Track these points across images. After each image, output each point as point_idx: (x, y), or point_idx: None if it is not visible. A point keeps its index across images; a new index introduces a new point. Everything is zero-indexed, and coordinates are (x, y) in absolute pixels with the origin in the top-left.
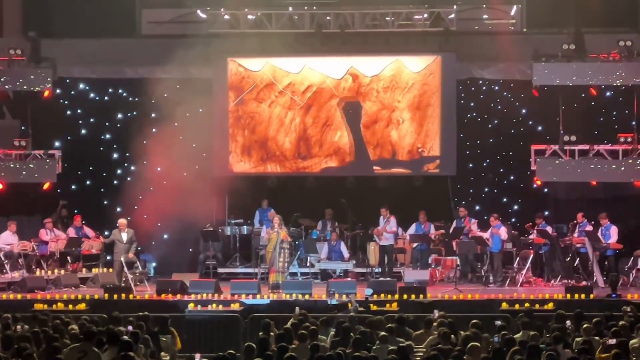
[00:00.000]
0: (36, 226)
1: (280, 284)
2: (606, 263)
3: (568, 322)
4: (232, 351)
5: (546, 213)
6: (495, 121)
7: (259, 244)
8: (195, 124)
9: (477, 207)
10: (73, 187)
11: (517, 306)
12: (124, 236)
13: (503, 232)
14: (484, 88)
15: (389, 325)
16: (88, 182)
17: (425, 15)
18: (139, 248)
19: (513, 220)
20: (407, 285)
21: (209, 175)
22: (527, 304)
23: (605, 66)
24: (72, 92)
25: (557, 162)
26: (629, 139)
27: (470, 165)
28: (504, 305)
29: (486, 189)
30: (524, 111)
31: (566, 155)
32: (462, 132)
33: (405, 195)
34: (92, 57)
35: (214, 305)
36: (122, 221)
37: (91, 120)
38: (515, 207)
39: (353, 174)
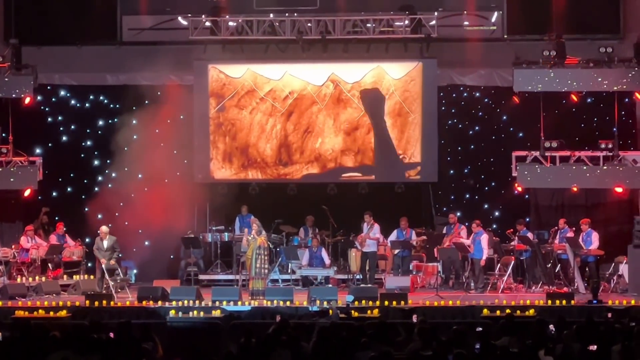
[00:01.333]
0: (17, 233)
1: (261, 290)
2: (587, 269)
3: (551, 327)
4: (212, 358)
5: (527, 219)
6: (476, 127)
7: (240, 251)
8: (176, 131)
9: (459, 214)
10: (54, 194)
11: (498, 312)
12: (105, 244)
13: (484, 240)
14: (465, 94)
15: (370, 331)
16: (69, 189)
17: (406, 22)
18: (120, 255)
19: (494, 226)
20: (389, 292)
21: (190, 181)
22: (508, 310)
23: (586, 72)
24: (53, 99)
25: (538, 168)
26: (610, 145)
27: (451, 171)
28: (485, 312)
29: (467, 196)
30: (504, 117)
31: (547, 162)
32: (443, 138)
33: (386, 202)
34: (73, 64)
35: (195, 312)
36: (103, 229)
37: (72, 127)
38: (497, 213)
39: (334, 180)
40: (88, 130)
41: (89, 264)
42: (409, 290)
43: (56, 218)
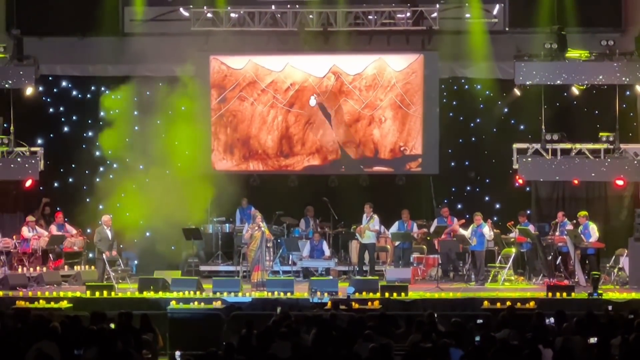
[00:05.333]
0: (18, 223)
1: (265, 281)
2: (587, 262)
3: (551, 319)
4: (213, 349)
5: (528, 212)
6: (478, 120)
7: (241, 242)
8: (178, 122)
9: (459, 206)
10: (55, 184)
11: (498, 305)
12: (110, 233)
13: (487, 231)
14: (466, 87)
15: (371, 323)
16: (70, 180)
17: (408, 14)
18: (120, 246)
19: (495, 219)
20: (389, 284)
21: (191, 173)
22: (508, 303)
23: (587, 65)
24: (55, 90)
25: (539, 160)
26: (611, 138)
27: (453, 163)
28: (486, 304)
29: (468, 188)
30: (506, 110)
31: (548, 154)
32: (444, 130)
33: (388, 194)
34: (74, 55)
35: (196, 303)
36: (106, 218)
37: (73, 117)
38: (497, 205)
39: (335, 172)
40: (89, 121)
41: (90, 255)
42: (410, 282)
43: (57, 209)
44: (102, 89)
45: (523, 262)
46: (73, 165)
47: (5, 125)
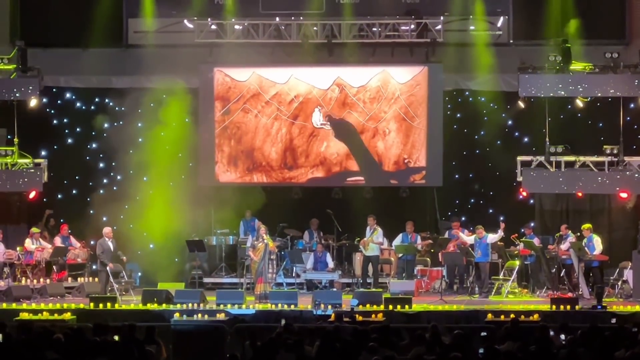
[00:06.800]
0: (22, 235)
1: (268, 294)
2: (591, 275)
3: (553, 333)
4: None
5: (532, 224)
6: (482, 132)
7: (245, 254)
8: (182, 134)
9: (463, 218)
10: (59, 196)
11: (502, 317)
12: (111, 245)
13: (492, 236)
14: (471, 99)
15: (374, 335)
16: (74, 192)
17: (412, 26)
18: (123, 258)
19: (499, 231)
20: (393, 296)
21: (195, 185)
22: (512, 315)
23: (592, 78)
24: (59, 102)
25: (543, 173)
26: (615, 151)
27: (457, 176)
28: (489, 317)
29: (472, 200)
30: (510, 122)
31: (552, 167)
32: (448, 143)
33: (391, 206)
34: (78, 66)
35: (200, 315)
36: (107, 230)
37: (77, 129)
38: (501, 218)
39: (339, 184)
40: (93, 133)
41: (94, 267)
42: (413, 295)
43: (61, 220)
44: (106, 100)
45: (527, 275)
46: (77, 177)
47: (9, 136)
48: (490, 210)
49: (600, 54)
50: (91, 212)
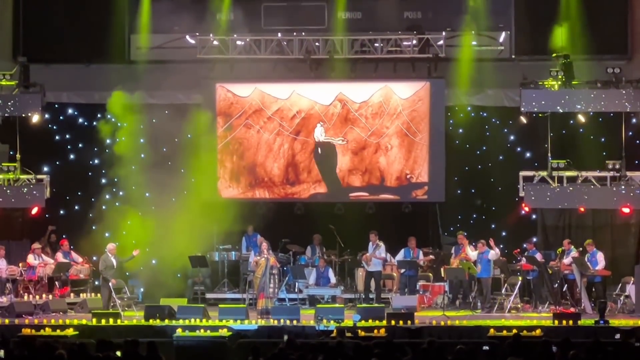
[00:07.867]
0: (24, 251)
1: (269, 309)
2: (594, 290)
3: (555, 349)
4: None
5: (534, 239)
6: (484, 147)
7: (247, 270)
8: (184, 149)
9: (465, 234)
10: (61, 212)
11: (504, 332)
12: (115, 261)
13: (493, 254)
14: (473, 114)
15: (377, 351)
16: (76, 207)
17: (414, 41)
18: (126, 273)
19: (501, 246)
20: (395, 311)
21: (197, 200)
22: (514, 330)
23: (594, 93)
24: (61, 117)
25: (545, 188)
26: (617, 166)
27: (459, 191)
28: (492, 332)
29: (474, 215)
30: (512, 137)
31: (554, 182)
32: (450, 158)
33: (394, 222)
34: (80, 82)
35: (202, 330)
36: (111, 246)
37: (80, 145)
38: (504, 233)
39: (342, 200)
40: (95, 149)
41: (96, 282)
42: (416, 310)
43: (63, 236)
44: (108, 116)
45: (529, 290)
46: (79, 193)
47: (11, 152)
48: (493, 226)
49: (602, 69)
50: (93, 227)
